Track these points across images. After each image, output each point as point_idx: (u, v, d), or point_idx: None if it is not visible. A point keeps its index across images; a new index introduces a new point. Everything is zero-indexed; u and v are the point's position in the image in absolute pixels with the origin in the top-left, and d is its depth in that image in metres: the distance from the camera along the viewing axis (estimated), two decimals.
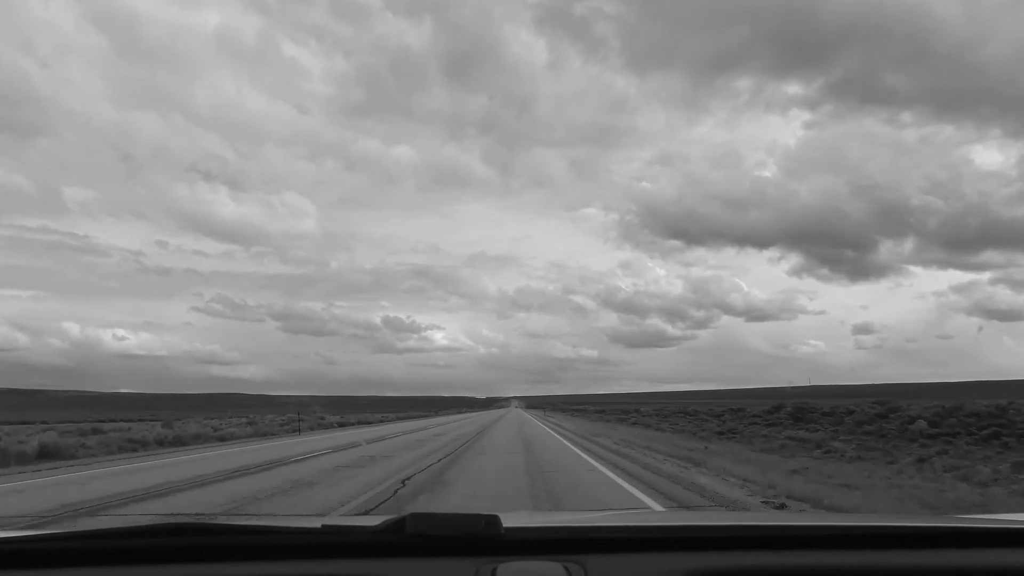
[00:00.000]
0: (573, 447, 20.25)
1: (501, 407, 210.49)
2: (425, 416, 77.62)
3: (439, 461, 15.07)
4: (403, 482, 11.07)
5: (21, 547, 1.57)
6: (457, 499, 9.23)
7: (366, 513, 8.06)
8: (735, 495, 9.61)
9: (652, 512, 7.64)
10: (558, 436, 27.22)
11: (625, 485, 10.72)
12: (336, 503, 8.95)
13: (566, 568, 1.43)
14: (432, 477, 11.92)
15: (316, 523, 1.59)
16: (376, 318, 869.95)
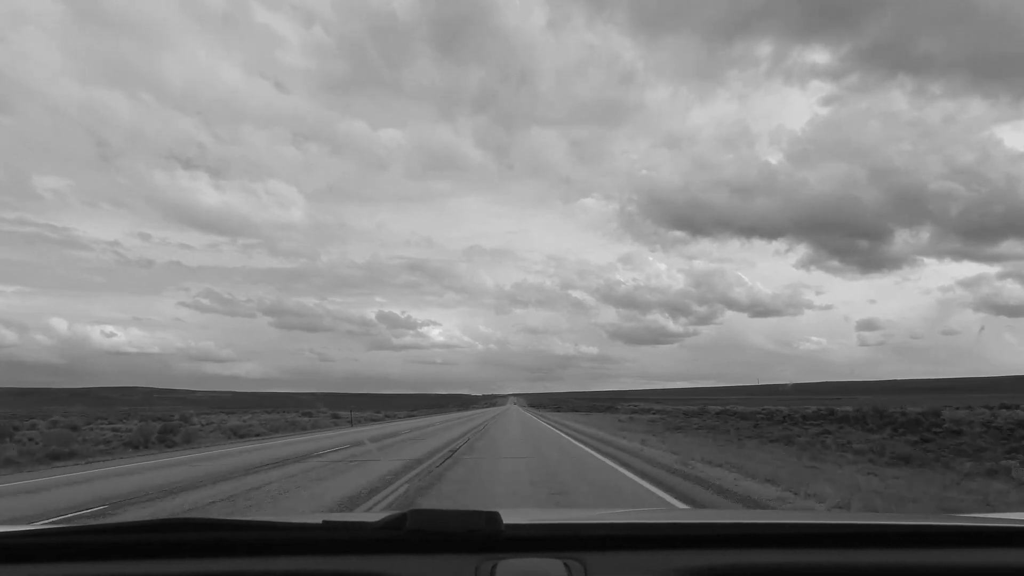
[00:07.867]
0: None
1: (496, 405, 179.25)
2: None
3: None
4: None
5: (23, 542, 1.58)
6: None
7: (368, 510, 8.07)
8: None
9: (652, 510, 7.64)
10: None
11: None
12: None
13: (566, 565, 1.43)
14: None
15: (317, 519, 1.59)
16: (371, 314, 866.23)
